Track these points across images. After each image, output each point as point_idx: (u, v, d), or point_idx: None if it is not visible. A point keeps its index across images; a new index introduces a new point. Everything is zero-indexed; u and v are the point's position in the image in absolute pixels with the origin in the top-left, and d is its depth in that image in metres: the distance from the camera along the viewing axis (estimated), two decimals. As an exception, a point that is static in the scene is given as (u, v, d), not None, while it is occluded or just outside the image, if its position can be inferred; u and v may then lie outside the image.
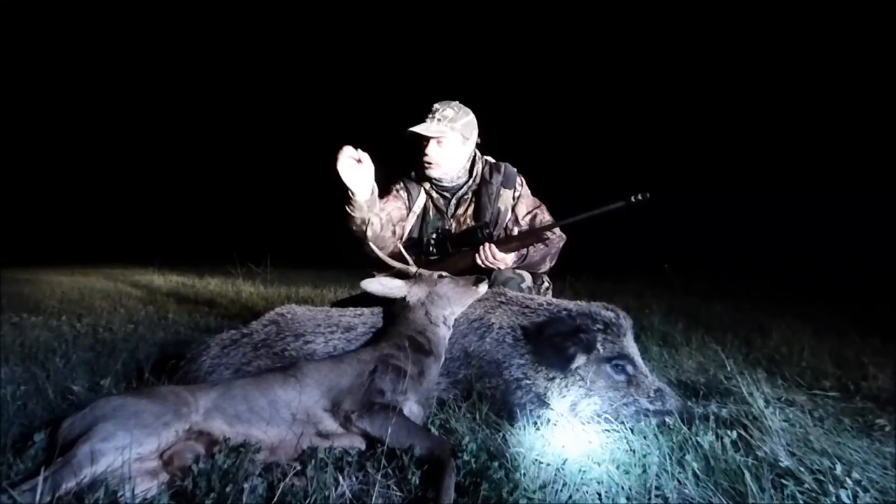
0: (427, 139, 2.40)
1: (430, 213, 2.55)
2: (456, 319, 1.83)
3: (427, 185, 2.53)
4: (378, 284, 1.83)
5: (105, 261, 10.47)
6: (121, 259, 10.67)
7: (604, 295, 4.65)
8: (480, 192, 2.49)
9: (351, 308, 2.04)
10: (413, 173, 2.56)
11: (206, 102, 18.44)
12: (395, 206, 2.47)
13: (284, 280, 6.17)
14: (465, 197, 2.53)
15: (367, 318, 1.92)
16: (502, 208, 2.48)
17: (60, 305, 3.95)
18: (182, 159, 18.90)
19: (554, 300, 1.95)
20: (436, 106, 2.45)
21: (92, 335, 2.79)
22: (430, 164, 2.44)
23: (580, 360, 1.67)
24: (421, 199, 2.54)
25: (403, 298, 1.82)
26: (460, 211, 2.53)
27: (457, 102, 2.48)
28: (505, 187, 2.48)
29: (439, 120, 2.40)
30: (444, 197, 2.54)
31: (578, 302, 1.90)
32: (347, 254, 2.48)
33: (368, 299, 1.98)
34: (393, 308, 1.85)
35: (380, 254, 2.14)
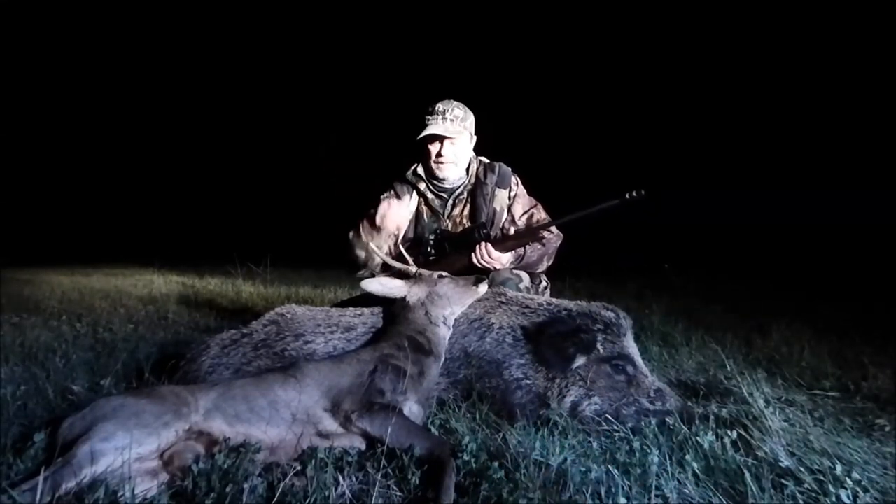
0: (442, 140, 2.42)
1: (425, 215, 2.55)
2: (456, 319, 1.83)
3: (422, 186, 2.53)
4: (378, 284, 1.84)
5: (105, 261, 10.46)
6: (121, 259, 10.66)
7: (604, 295, 4.65)
8: (476, 193, 2.49)
9: (351, 308, 2.04)
10: (409, 173, 2.56)
11: (206, 103, 18.44)
12: (398, 213, 2.42)
13: (284, 280, 6.16)
14: (461, 197, 2.54)
15: (367, 318, 1.92)
16: (497, 209, 2.48)
17: (60, 305, 3.95)
18: (182, 159, 18.89)
19: (554, 300, 1.95)
20: (441, 106, 2.45)
21: (92, 335, 2.79)
22: (445, 163, 2.44)
23: (580, 360, 1.67)
24: (413, 203, 2.54)
25: (403, 298, 1.82)
26: (456, 211, 2.53)
27: (458, 102, 2.49)
28: (500, 187, 2.48)
29: (451, 120, 2.42)
30: (440, 198, 2.54)
31: (578, 302, 1.90)
32: (350, 266, 2.49)
33: (369, 300, 1.99)
34: (393, 308, 1.85)
35: (380, 254, 2.15)
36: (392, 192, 2.57)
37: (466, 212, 2.52)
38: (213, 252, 8.95)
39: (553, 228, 2.43)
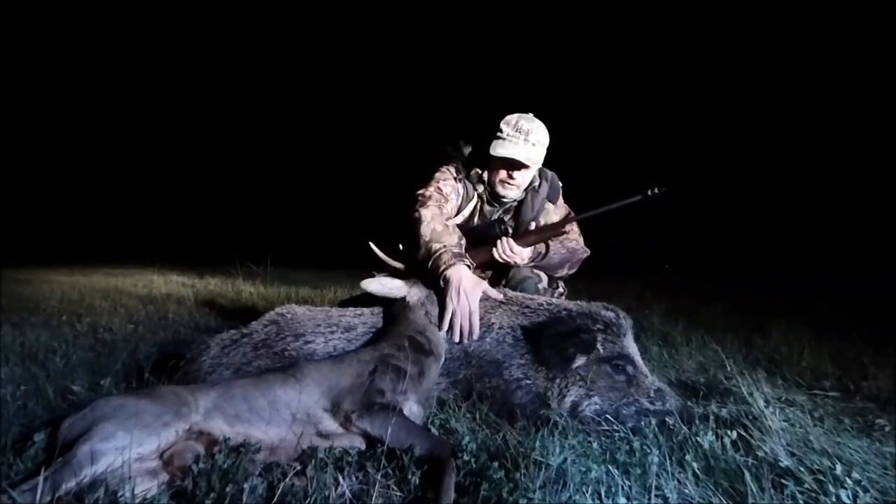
0: (519, 165, 2.23)
1: (476, 218, 2.43)
2: (456, 319, 1.82)
3: (480, 190, 2.39)
4: (378, 284, 1.84)
5: (105, 261, 10.47)
6: (121, 259, 10.67)
7: (604, 295, 4.66)
8: (524, 201, 2.38)
9: (351, 308, 2.04)
10: (472, 174, 2.39)
11: (206, 102, 18.44)
12: (452, 204, 2.32)
13: (284, 280, 6.17)
14: (511, 207, 2.44)
15: (367, 318, 1.92)
16: (542, 222, 2.35)
17: (60, 305, 3.95)
18: (182, 159, 18.90)
19: (554, 300, 1.95)
20: (525, 125, 2.22)
21: (92, 335, 2.79)
22: (514, 187, 2.30)
23: (580, 360, 1.67)
24: (472, 203, 2.40)
25: (403, 298, 1.82)
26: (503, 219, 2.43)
27: (539, 121, 2.30)
28: (550, 200, 2.39)
29: (534, 144, 2.22)
30: (491, 206, 2.43)
31: (578, 302, 1.90)
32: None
33: (369, 300, 1.99)
34: (393, 308, 1.85)
35: (381, 254, 2.15)
36: (460, 183, 2.37)
37: (510, 219, 2.42)
38: (213, 252, 8.97)
39: (581, 241, 2.38)
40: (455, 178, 2.37)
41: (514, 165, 2.25)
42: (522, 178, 2.30)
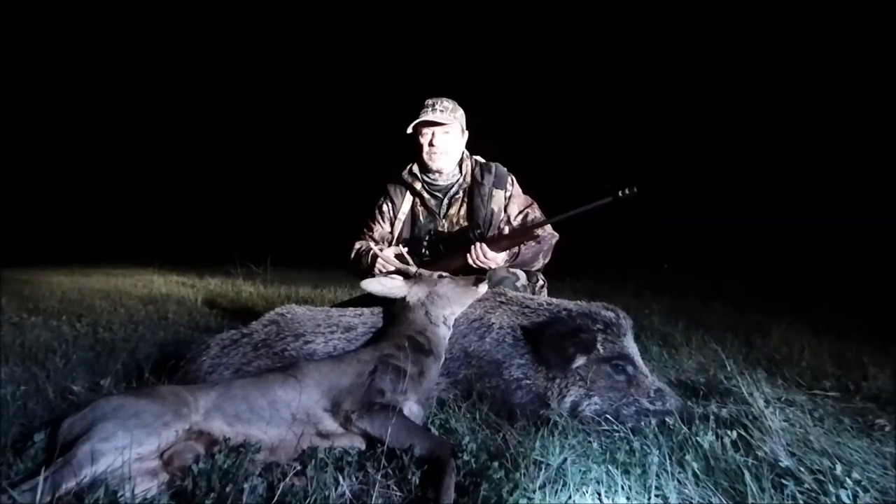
0: (433, 130, 2.44)
1: (421, 216, 2.54)
2: (456, 319, 1.83)
3: (418, 186, 2.52)
4: (378, 284, 1.84)
5: (105, 261, 10.46)
6: (121, 259, 10.66)
7: (604, 295, 4.65)
8: (473, 193, 2.49)
9: (351, 308, 2.04)
10: (404, 173, 2.56)
11: (206, 103, 18.45)
12: (379, 230, 2.57)
13: (284, 280, 6.16)
14: (457, 197, 2.53)
15: (367, 318, 1.92)
16: (495, 209, 2.48)
17: (60, 305, 3.95)
18: (182, 159, 18.90)
19: (554, 300, 1.95)
20: (429, 100, 2.47)
21: (92, 335, 2.79)
22: (438, 153, 2.45)
23: (580, 360, 1.67)
24: (406, 204, 2.55)
25: (403, 298, 1.81)
26: (452, 211, 2.53)
27: (447, 97, 2.51)
28: (497, 188, 2.48)
29: (441, 111, 2.43)
30: (435, 197, 2.54)
31: (578, 302, 1.90)
32: (355, 273, 2.50)
33: (369, 300, 1.99)
34: (393, 308, 1.85)
35: (380, 253, 2.16)
36: (386, 198, 2.58)
37: (463, 212, 2.52)
38: (213, 252, 8.96)
39: (548, 227, 2.44)
40: (378, 207, 2.60)
41: (428, 131, 2.44)
42: (444, 143, 2.46)
